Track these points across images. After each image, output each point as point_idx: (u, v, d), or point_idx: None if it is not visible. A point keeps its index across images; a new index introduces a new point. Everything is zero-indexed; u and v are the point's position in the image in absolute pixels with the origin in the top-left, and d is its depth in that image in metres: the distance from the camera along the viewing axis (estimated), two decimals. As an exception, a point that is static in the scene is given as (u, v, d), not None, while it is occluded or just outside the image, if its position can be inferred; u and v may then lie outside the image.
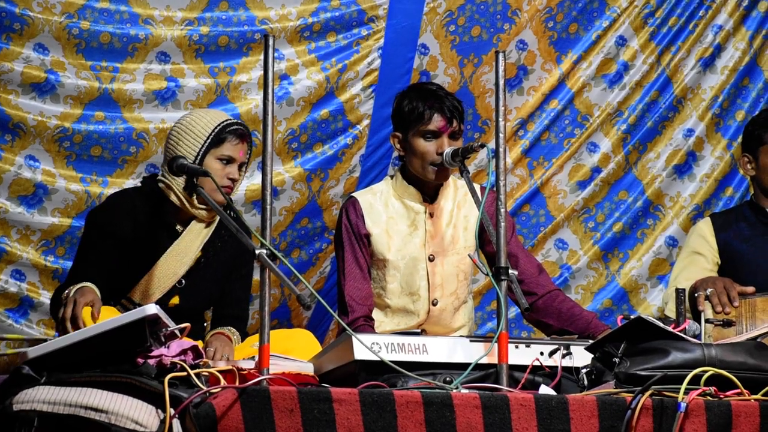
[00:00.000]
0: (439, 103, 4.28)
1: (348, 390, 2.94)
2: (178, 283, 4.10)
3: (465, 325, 4.43)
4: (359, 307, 4.24)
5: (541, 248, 5.75)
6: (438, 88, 4.37)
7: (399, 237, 4.34)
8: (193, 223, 4.13)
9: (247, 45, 5.14)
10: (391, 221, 4.35)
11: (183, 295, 4.12)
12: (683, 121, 5.89)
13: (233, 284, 4.25)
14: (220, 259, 4.20)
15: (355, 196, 4.40)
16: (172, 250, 4.08)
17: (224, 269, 4.22)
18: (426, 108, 4.27)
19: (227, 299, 4.25)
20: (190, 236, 4.12)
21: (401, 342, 3.36)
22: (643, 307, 5.78)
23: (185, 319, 3.62)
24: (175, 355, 3.08)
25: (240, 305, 4.29)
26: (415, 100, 4.31)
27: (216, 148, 4.06)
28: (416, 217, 4.36)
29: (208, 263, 4.17)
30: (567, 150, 5.75)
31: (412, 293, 4.33)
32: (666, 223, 5.86)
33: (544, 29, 5.64)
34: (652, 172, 5.85)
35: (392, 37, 5.35)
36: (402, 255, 4.32)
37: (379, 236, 4.33)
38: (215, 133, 4.05)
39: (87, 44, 4.91)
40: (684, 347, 3.22)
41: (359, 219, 4.34)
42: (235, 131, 4.10)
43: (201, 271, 4.15)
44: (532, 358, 3.42)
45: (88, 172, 4.94)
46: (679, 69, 5.86)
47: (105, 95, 4.94)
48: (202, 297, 4.19)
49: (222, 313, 4.24)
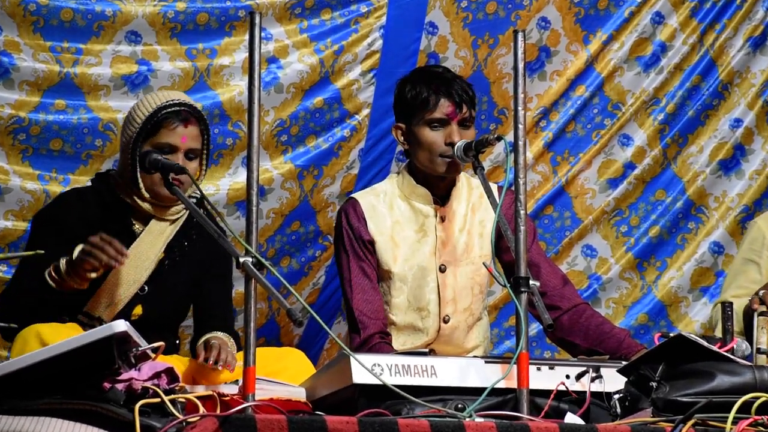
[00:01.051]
0: (446, 86, 4.29)
1: (345, 418, 2.94)
2: (141, 290, 4.10)
3: (480, 345, 4.43)
4: (372, 322, 4.24)
5: (567, 256, 5.76)
6: (445, 71, 4.39)
7: (406, 245, 4.34)
8: (153, 222, 4.13)
9: (229, 23, 5.14)
10: (396, 226, 4.35)
11: (147, 304, 4.11)
12: (730, 110, 5.91)
13: (209, 288, 4.24)
14: (188, 260, 4.19)
15: (355, 197, 4.40)
16: (131, 254, 4.07)
17: (194, 272, 4.21)
18: (431, 92, 4.28)
19: (206, 306, 4.24)
20: (151, 236, 4.13)
21: (406, 363, 3.37)
22: (684, 324, 5.79)
23: (152, 332, 3.62)
24: (147, 379, 3.08)
25: (223, 312, 4.27)
26: (418, 84, 4.32)
27: (153, 137, 4.05)
28: (425, 221, 4.36)
29: (174, 265, 4.17)
30: (596, 143, 5.76)
31: (420, 308, 4.33)
32: (710, 226, 5.87)
33: (569, 5, 5.66)
34: (693, 169, 5.86)
35: (396, 15, 5.36)
36: (410, 265, 4.32)
37: (383, 244, 4.33)
38: (147, 118, 4.03)
39: (46, 22, 4.91)
40: (732, 370, 3.23)
41: (361, 223, 4.34)
42: (176, 113, 4.06)
43: (165, 275, 4.15)
44: (556, 381, 3.43)
45: (46, 169, 4.94)
46: (724, 50, 5.87)
47: (66, 81, 4.95)
48: (169, 305, 4.18)
49: (205, 325, 4.23)
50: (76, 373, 3.02)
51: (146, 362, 3.15)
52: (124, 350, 3.10)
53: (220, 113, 5.13)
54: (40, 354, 3.04)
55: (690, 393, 3.17)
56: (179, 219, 4.18)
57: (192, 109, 4.11)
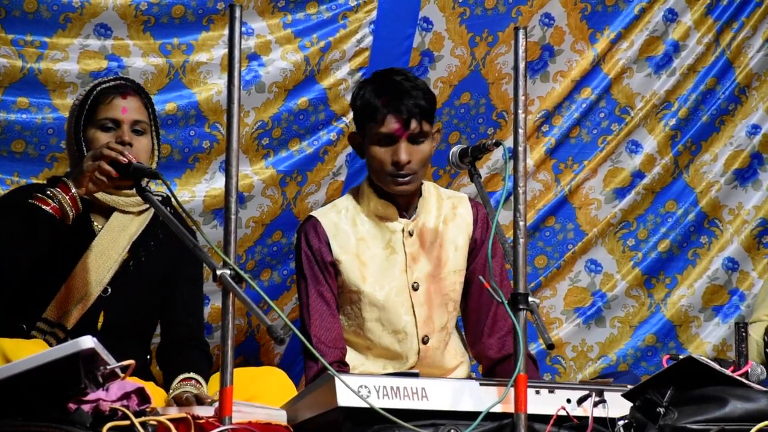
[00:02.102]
0: (396, 100, 4.30)
1: (329, 444, 2.97)
2: (103, 292, 4.12)
3: (463, 362, 4.48)
4: (330, 350, 4.28)
5: (569, 271, 5.78)
6: (404, 79, 4.38)
7: (374, 263, 4.37)
8: (115, 216, 4.16)
9: (207, 17, 5.15)
10: (362, 244, 4.38)
11: (111, 309, 4.12)
12: (747, 116, 5.94)
13: (179, 291, 4.26)
14: (155, 260, 4.22)
15: (314, 215, 4.45)
16: (92, 252, 4.09)
17: (161, 274, 4.23)
18: (380, 106, 4.31)
19: (176, 317, 4.26)
20: (112, 233, 4.14)
21: (395, 385, 3.38)
22: (694, 346, 5.81)
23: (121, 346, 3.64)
24: (116, 400, 3.10)
25: (194, 324, 4.30)
26: (370, 93, 4.35)
27: (92, 117, 4.11)
28: (392, 237, 4.39)
29: (139, 266, 4.19)
30: (602, 150, 5.78)
31: (396, 331, 4.36)
32: (724, 241, 5.89)
33: (575, 0, 5.68)
34: (707, 179, 5.89)
35: (387, 9, 5.37)
36: (380, 285, 4.35)
37: (349, 264, 4.36)
38: (82, 101, 4.11)
39: (8, 13, 4.91)
40: (746, 395, 3.24)
41: (322, 244, 4.37)
42: (112, 88, 4.14)
43: (130, 277, 4.17)
44: (556, 406, 3.44)
45: (8, 173, 4.94)
46: (742, 51, 5.90)
47: (30, 77, 4.94)
48: (135, 310, 4.19)
49: (173, 338, 4.25)
50: (40, 393, 3.03)
51: (115, 382, 3.16)
52: (91, 369, 3.11)
53: (197, 114, 5.14)
54: (1, 372, 3.06)
55: (700, 420, 3.19)
56: (144, 214, 4.20)
57: (129, 82, 4.20)
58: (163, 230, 4.22)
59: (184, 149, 5.10)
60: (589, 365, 5.74)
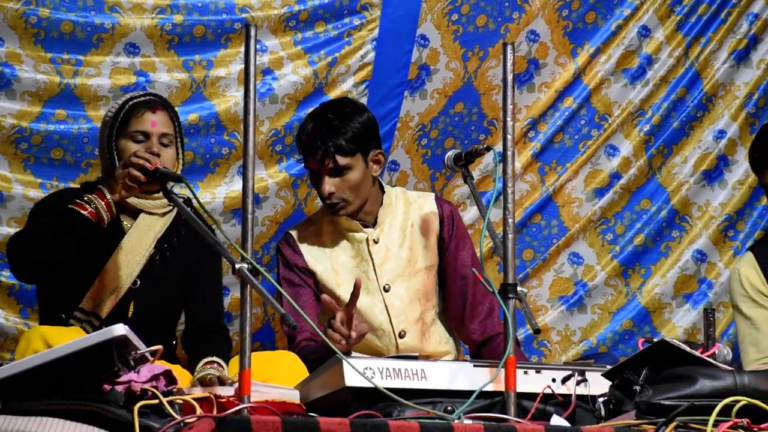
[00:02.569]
0: (312, 140, 4.32)
1: (338, 420, 2.96)
2: (133, 284, 4.13)
3: (449, 352, 4.47)
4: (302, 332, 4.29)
5: (554, 263, 5.77)
6: (337, 117, 4.36)
7: (346, 270, 4.39)
8: (142, 217, 4.20)
9: (225, 36, 5.15)
10: (333, 255, 4.41)
11: (140, 299, 4.14)
12: (714, 122, 5.92)
13: (201, 286, 4.28)
14: (178, 256, 4.24)
15: (289, 231, 4.52)
16: (122, 248, 4.12)
17: (184, 269, 4.25)
18: (303, 141, 4.37)
19: (198, 305, 4.28)
20: (140, 232, 4.18)
21: (397, 367, 3.38)
22: (667, 329, 5.80)
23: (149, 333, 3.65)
24: (146, 381, 3.09)
25: (215, 310, 4.31)
26: (303, 129, 4.40)
27: (124, 128, 4.14)
28: (359, 246, 4.41)
29: (164, 261, 4.21)
30: (583, 153, 5.77)
31: (374, 329, 4.37)
32: (694, 235, 5.88)
33: (557, 18, 5.67)
34: (678, 179, 5.88)
35: (388, 27, 5.37)
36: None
37: (324, 273, 4.38)
38: (115, 113, 4.13)
39: (47, 34, 4.92)
40: (713, 374, 3.24)
41: (297, 255, 4.40)
42: (143, 103, 4.17)
43: (157, 270, 4.20)
44: (543, 385, 3.44)
45: (48, 177, 4.94)
46: (709, 63, 5.89)
47: (67, 91, 4.95)
48: (161, 300, 4.21)
49: (196, 324, 4.27)
50: (77, 375, 3.03)
51: (145, 365, 3.16)
52: (123, 353, 3.12)
53: (217, 123, 5.14)
54: (42, 357, 3.06)
55: (672, 396, 3.18)
56: (168, 215, 4.22)
57: (158, 97, 4.21)
58: (185, 228, 4.24)
59: (205, 155, 5.10)
60: (572, 348, 5.74)
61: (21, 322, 4.89)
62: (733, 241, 5.89)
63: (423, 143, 5.52)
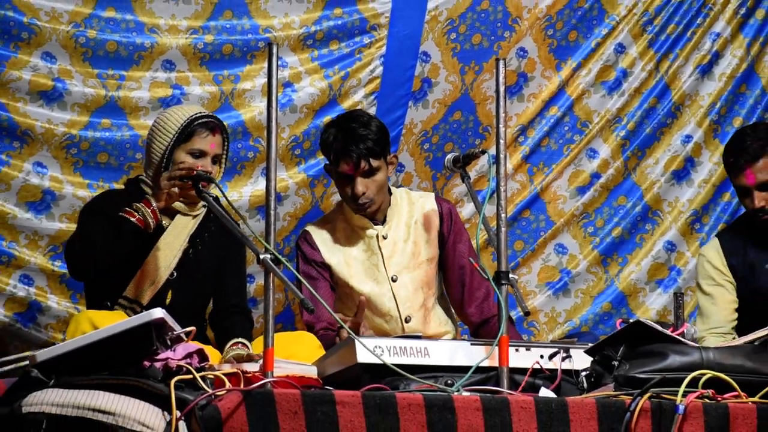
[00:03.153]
0: (346, 145, 4.23)
1: (351, 392, 2.96)
2: (171, 276, 4.13)
3: (449, 332, 4.46)
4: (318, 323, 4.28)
5: (541, 253, 5.76)
6: (359, 126, 4.27)
7: (358, 263, 4.37)
8: (178, 217, 4.21)
9: (251, 53, 5.15)
10: (346, 250, 4.38)
11: (176, 288, 4.15)
12: (681, 128, 5.90)
13: (227, 275, 4.28)
14: (209, 251, 4.24)
15: (307, 229, 4.46)
16: (161, 244, 4.13)
17: (214, 261, 4.25)
18: (335, 150, 4.26)
19: (225, 291, 4.28)
20: (176, 229, 4.18)
21: (403, 345, 3.38)
22: (641, 311, 5.79)
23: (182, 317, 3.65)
24: (181, 359, 3.09)
25: (239, 294, 4.31)
26: (333, 135, 4.29)
27: (185, 143, 4.12)
28: (370, 241, 4.38)
29: (197, 254, 4.21)
30: (567, 156, 5.76)
31: (382, 315, 4.36)
32: (664, 227, 5.86)
33: (543, 37, 5.66)
34: (650, 178, 5.86)
35: (394, 45, 5.36)
36: (364, 281, 4.35)
37: (338, 266, 4.36)
38: (183, 127, 4.10)
39: (94, 53, 4.92)
40: (682, 350, 3.23)
41: (315, 250, 4.37)
42: (205, 124, 4.15)
43: (191, 263, 4.20)
44: (532, 361, 3.43)
45: (94, 179, 4.94)
46: (677, 76, 5.87)
47: (111, 103, 4.95)
48: (195, 289, 4.22)
49: (222, 306, 4.26)
50: (121, 353, 3.04)
51: (180, 344, 3.16)
52: (161, 334, 3.11)
53: (243, 130, 5.14)
54: (90, 337, 3.06)
55: (647, 370, 3.17)
56: (200, 215, 4.22)
57: (217, 121, 4.18)
58: (215, 224, 4.25)
59: (233, 158, 5.09)
60: (557, 328, 5.72)
61: (71, 306, 4.90)
62: (699, 233, 5.87)
63: (425, 147, 5.51)
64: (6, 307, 4.84)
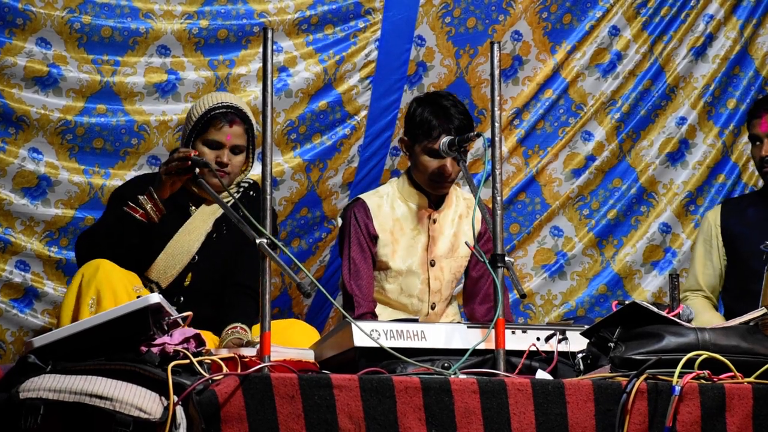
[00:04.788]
0: (448, 123, 4.24)
1: (348, 376, 2.95)
2: (192, 260, 4.14)
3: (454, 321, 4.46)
4: (365, 303, 4.27)
5: (537, 235, 5.75)
6: (452, 105, 4.31)
7: (404, 240, 4.36)
8: (204, 204, 4.19)
9: (246, 38, 5.14)
10: (397, 224, 4.37)
11: (196, 271, 4.15)
12: (676, 110, 5.90)
13: (245, 254, 4.26)
14: (231, 236, 4.24)
15: (362, 198, 4.42)
16: (185, 228, 4.17)
17: (235, 246, 4.24)
18: (435, 126, 4.24)
19: (238, 268, 4.24)
20: (202, 215, 4.21)
21: (400, 329, 3.37)
22: (637, 293, 5.79)
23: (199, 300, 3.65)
24: (178, 344, 3.08)
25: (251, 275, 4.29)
26: (428, 112, 4.27)
27: (203, 134, 4.11)
28: (421, 221, 4.37)
29: (220, 238, 4.22)
30: (562, 139, 5.75)
31: (411, 296, 4.36)
32: (659, 209, 5.86)
33: (538, 20, 5.64)
34: (645, 160, 5.86)
35: (389, 29, 5.35)
36: (405, 259, 4.35)
37: (384, 240, 4.35)
38: (199, 117, 4.11)
39: (88, 38, 4.91)
40: (678, 332, 3.23)
41: (369, 220, 4.36)
42: (223, 115, 4.13)
43: (213, 247, 4.21)
44: (528, 343, 3.43)
45: (90, 164, 4.94)
46: (671, 58, 5.86)
47: (106, 88, 4.95)
48: (215, 273, 4.21)
49: (231, 281, 4.23)
50: (118, 338, 3.03)
51: (177, 329, 3.15)
52: (158, 319, 3.11)
53: (239, 115, 5.13)
54: (87, 322, 3.06)
55: (643, 352, 3.17)
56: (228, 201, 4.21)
57: (237, 111, 4.16)
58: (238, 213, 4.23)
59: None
60: (554, 310, 5.72)
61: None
62: (694, 215, 5.87)
63: (421, 131, 5.49)
64: (2, 293, 4.84)
